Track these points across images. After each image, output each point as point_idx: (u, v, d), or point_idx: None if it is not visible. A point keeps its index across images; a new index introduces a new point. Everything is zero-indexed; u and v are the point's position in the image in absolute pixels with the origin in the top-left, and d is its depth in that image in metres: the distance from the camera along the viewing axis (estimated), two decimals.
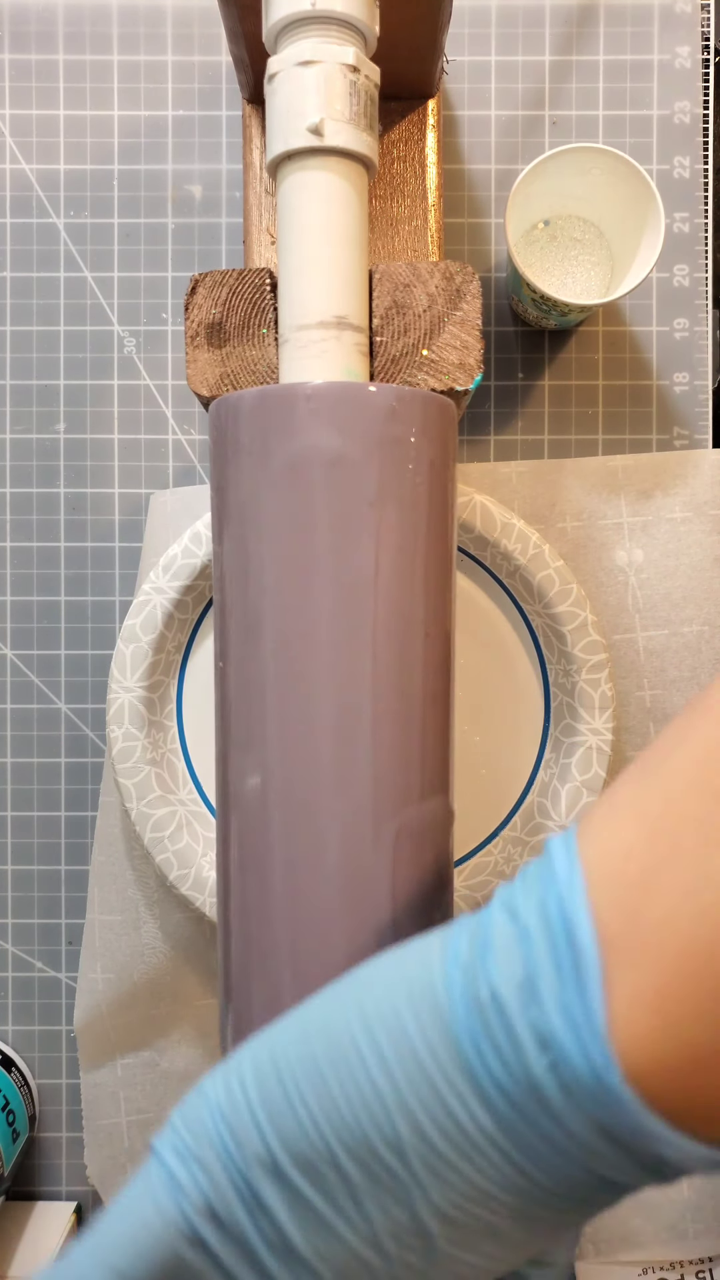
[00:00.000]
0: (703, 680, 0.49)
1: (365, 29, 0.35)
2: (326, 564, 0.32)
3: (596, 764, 0.45)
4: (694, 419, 0.52)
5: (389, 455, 0.33)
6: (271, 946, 0.33)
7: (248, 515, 0.33)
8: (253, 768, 0.33)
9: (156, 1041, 0.51)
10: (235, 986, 0.34)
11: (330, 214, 0.35)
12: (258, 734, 0.33)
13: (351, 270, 0.35)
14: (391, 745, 0.33)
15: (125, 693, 0.46)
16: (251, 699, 0.33)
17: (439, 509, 0.34)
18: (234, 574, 0.34)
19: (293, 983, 0.33)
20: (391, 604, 0.33)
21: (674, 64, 0.51)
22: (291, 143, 0.34)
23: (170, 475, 0.52)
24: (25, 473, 0.52)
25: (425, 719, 0.34)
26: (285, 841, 0.33)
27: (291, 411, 0.33)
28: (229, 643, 0.34)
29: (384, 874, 0.33)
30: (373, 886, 0.33)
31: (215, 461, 0.35)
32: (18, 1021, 0.53)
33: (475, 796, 0.47)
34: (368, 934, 0.32)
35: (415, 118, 0.46)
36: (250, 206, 0.46)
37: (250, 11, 0.39)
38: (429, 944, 0.25)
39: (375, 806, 0.33)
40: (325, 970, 0.32)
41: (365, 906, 0.32)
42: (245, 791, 0.33)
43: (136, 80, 0.51)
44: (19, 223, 0.52)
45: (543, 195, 0.47)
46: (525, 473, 0.49)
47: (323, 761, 0.32)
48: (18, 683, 0.52)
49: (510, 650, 0.47)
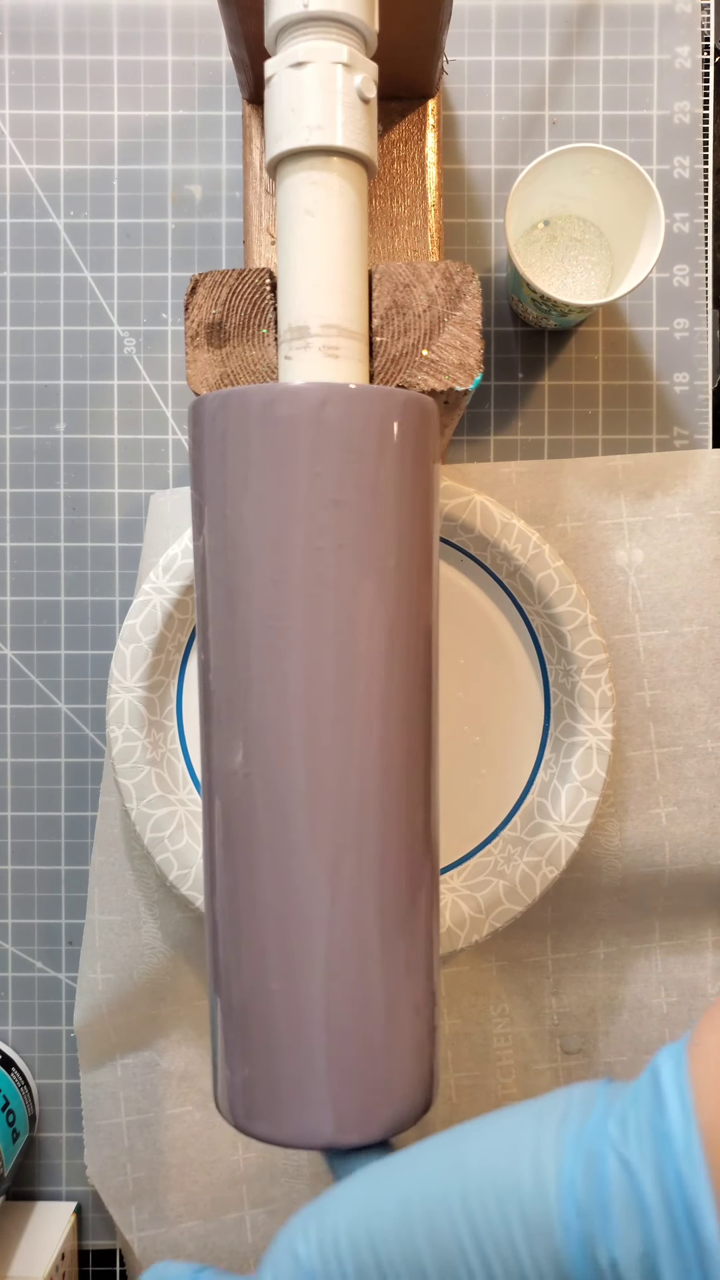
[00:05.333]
0: (703, 680, 0.49)
1: (365, 29, 0.35)
2: (305, 569, 0.32)
3: (596, 764, 0.45)
4: (694, 419, 0.52)
5: (368, 454, 0.33)
6: (257, 933, 0.33)
7: (228, 520, 0.33)
8: (236, 748, 0.33)
9: (156, 1041, 0.51)
10: (223, 974, 0.34)
11: (330, 214, 0.35)
12: (239, 716, 0.33)
13: (351, 270, 0.35)
14: (378, 727, 0.33)
15: (125, 693, 0.46)
16: (234, 686, 0.33)
17: (421, 506, 0.34)
18: (215, 571, 0.34)
19: (280, 966, 0.33)
20: (372, 594, 0.33)
21: (674, 64, 0.51)
22: (291, 143, 0.34)
23: (170, 475, 0.52)
24: (25, 473, 0.52)
25: (406, 696, 0.34)
26: (269, 821, 0.33)
27: (268, 413, 0.33)
28: (210, 632, 0.34)
29: (370, 852, 0.33)
30: (359, 868, 0.33)
31: (194, 462, 0.35)
32: (18, 1021, 0.53)
33: (475, 796, 0.47)
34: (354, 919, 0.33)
35: (415, 118, 0.46)
36: (250, 206, 0.46)
37: (250, 11, 0.39)
38: (541, 1144, 0.25)
39: (360, 787, 0.33)
40: (311, 958, 0.32)
41: (353, 888, 0.33)
42: (229, 773, 0.34)
43: (136, 80, 0.51)
44: (19, 223, 0.52)
45: (543, 195, 0.47)
46: (525, 473, 0.49)
47: (303, 743, 0.33)
48: (18, 683, 0.52)
49: (510, 650, 0.47)
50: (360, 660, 0.33)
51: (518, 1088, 0.51)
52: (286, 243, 0.35)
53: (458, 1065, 0.51)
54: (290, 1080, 0.33)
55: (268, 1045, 0.33)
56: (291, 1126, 0.33)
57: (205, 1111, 0.51)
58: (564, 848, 0.45)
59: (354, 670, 0.33)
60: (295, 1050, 0.33)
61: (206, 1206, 0.50)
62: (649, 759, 0.49)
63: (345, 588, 0.33)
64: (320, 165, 0.34)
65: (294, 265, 0.35)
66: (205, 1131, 0.50)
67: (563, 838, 0.45)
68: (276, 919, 0.33)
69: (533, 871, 0.45)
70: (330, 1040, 0.33)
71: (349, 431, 0.33)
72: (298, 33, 0.34)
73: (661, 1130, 0.23)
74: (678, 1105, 0.23)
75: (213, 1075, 0.36)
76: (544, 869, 0.45)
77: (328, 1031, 0.33)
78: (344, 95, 0.34)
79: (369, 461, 0.33)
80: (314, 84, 0.34)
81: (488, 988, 0.51)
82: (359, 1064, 0.33)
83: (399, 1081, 0.33)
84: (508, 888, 0.45)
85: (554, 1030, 0.51)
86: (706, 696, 0.49)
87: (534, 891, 0.45)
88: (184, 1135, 0.50)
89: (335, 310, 0.35)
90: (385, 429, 0.33)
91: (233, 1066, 0.34)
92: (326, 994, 0.33)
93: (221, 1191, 0.51)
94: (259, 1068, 0.33)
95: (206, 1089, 0.51)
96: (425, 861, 0.35)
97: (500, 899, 0.45)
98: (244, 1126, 0.34)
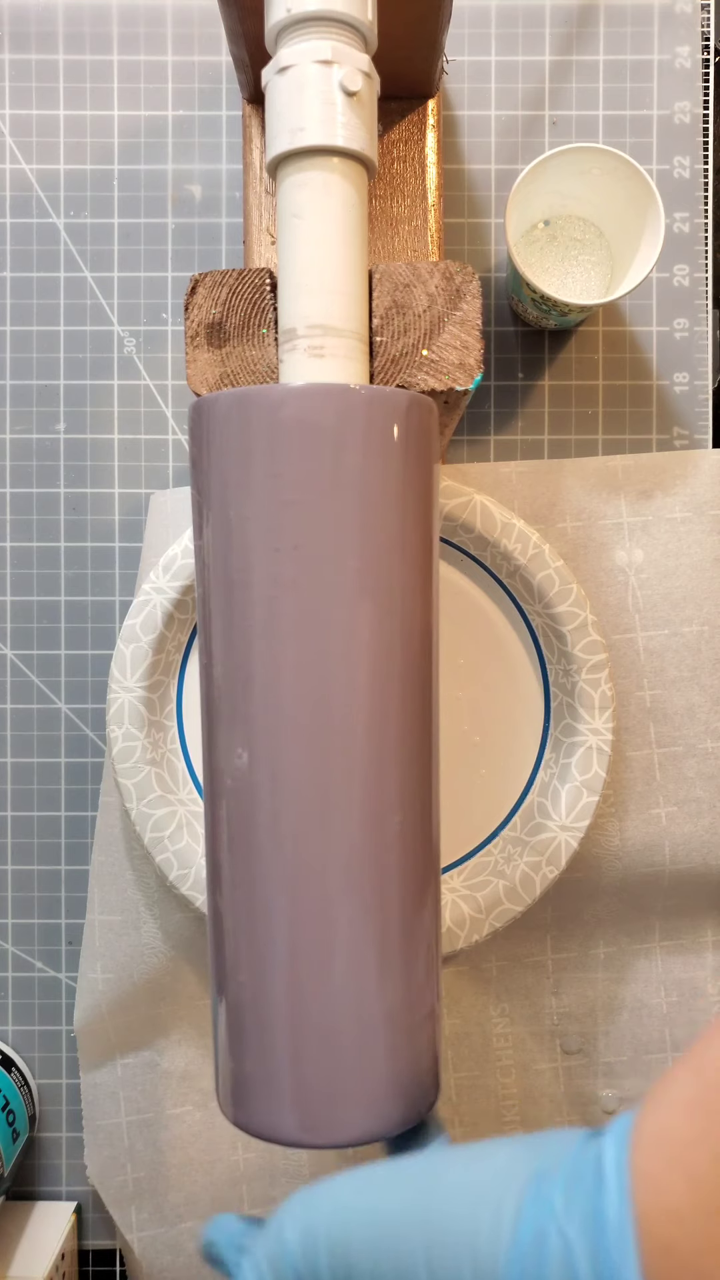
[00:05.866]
0: (703, 680, 0.49)
1: (365, 29, 0.35)
2: (304, 569, 0.32)
3: (596, 764, 0.45)
4: (694, 419, 0.52)
5: (368, 455, 0.33)
6: (259, 931, 0.33)
7: (229, 520, 0.33)
8: (237, 747, 0.33)
9: (156, 1041, 0.51)
10: (228, 971, 0.34)
11: (330, 214, 0.35)
12: (241, 715, 0.33)
13: (351, 270, 0.35)
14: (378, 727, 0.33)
15: (125, 693, 0.46)
16: (236, 685, 0.33)
17: (421, 506, 0.34)
18: (216, 571, 0.34)
19: (288, 966, 0.33)
20: (372, 596, 0.33)
21: (674, 64, 0.51)
22: (291, 143, 0.34)
23: (170, 475, 0.52)
24: (25, 473, 0.52)
25: (406, 696, 0.34)
26: (269, 821, 0.33)
27: (269, 414, 0.33)
28: (211, 631, 0.34)
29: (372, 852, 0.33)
30: (362, 867, 0.33)
31: (195, 462, 0.35)
32: (18, 1021, 0.53)
33: (475, 796, 0.47)
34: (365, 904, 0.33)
35: (415, 118, 0.46)
36: (250, 206, 0.46)
37: (250, 11, 0.39)
38: (503, 1202, 0.25)
39: (362, 788, 0.33)
40: (322, 956, 0.32)
41: (355, 887, 0.33)
42: (231, 772, 0.34)
43: (136, 80, 0.51)
44: (19, 223, 0.52)
45: (543, 195, 0.47)
46: (525, 473, 0.49)
47: (303, 743, 0.33)
48: (18, 683, 0.52)
49: (510, 650, 0.47)
50: (359, 660, 0.33)
51: (518, 1088, 0.51)
52: (287, 243, 0.35)
53: (458, 1065, 0.51)
54: (288, 1075, 0.33)
55: (264, 1041, 0.33)
56: (335, 1125, 0.33)
57: (205, 1111, 0.51)
58: (564, 848, 0.45)
59: (354, 670, 0.33)
60: (295, 1048, 0.33)
61: (206, 1206, 0.50)
62: (649, 759, 0.49)
63: (344, 589, 0.33)
64: (320, 165, 0.34)
65: (294, 265, 0.35)
66: (205, 1131, 0.50)
67: (563, 838, 0.45)
68: (279, 916, 0.33)
69: (533, 871, 0.45)
70: (329, 1039, 0.33)
71: (349, 432, 0.33)
72: (298, 33, 0.34)
73: (599, 1212, 0.24)
74: (615, 1189, 0.24)
75: (215, 1071, 0.36)
76: (544, 869, 0.45)
77: (326, 1029, 0.33)
78: (344, 95, 0.34)
79: (368, 462, 0.33)
80: (315, 83, 0.34)
81: (488, 987, 0.51)
82: (359, 1062, 0.33)
83: (398, 1082, 0.33)
84: (508, 888, 0.45)
85: (554, 1030, 0.51)
86: (706, 696, 0.49)
87: (534, 891, 0.45)
88: (184, 1135, 0.50)
89: (336, 310, 0.35)
90: (385, 430, 0.33)
91: (235, 1060, 0.34)
92: (327, 993, 0.33)
93: (221, 1191, 0.51)
94: (258, 1062, 0.33)
95: (206, 1089, 0.51)
96: (427, 860, 0.35)
97: (500, 899, 0.45)
98: (242, 1123, 0.34)
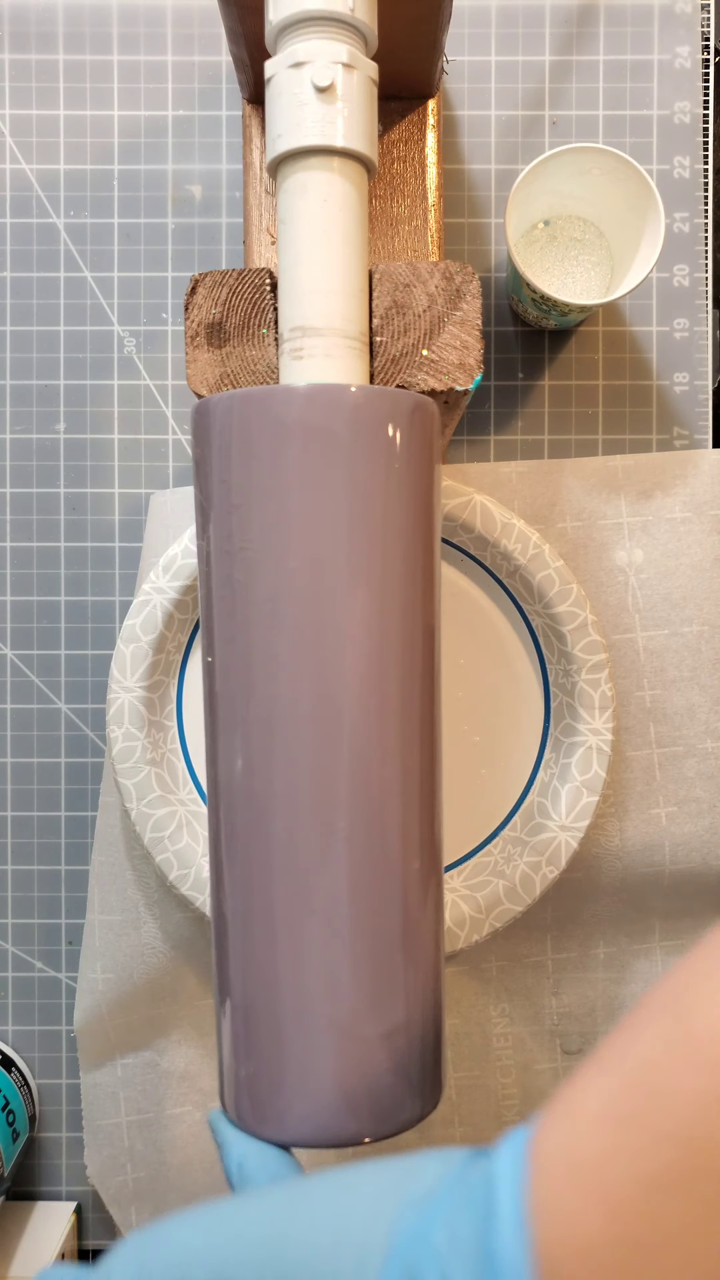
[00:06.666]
0: (703, 680, 0.49)
1: (365, 29, 0.35)
2: (307, 570, 0.33)
3: (596, 764, 0.45)
4: (694, 419, 0.52)
5: (370, 456, 0.33)
6: (263, 931, 0.33)
7: (231, 521, 0.33)
8: (239, 748, 0.33)
9: (156, 1041, 0.51)
10: (232, 972, 0.34)
11: (330, 214, 0.35)
12: (242, 716, 0.33)
13: (351, 270, 0.35)
14: (379, 727, 0.33)
15: (125, 693, 0.46)
16: (237, 686, 0.33)
17: (422, 505, 0.34)
18: (218, 572, 0.34)
19: (291, 969, 0.33)
20: (374, 596, 0.33)
21: (674, 64, 0.51)
22: (292, 142, 0.34)
23: (170, 475, 0.52)
24: (25, 473, 0.52)
25: (409, 692, 0.34)
26: (270, 821, 0.33)
27: (272, 415, 0.33)
28: (213, 632, 0.34)
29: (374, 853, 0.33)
30: (369, 867, 0.33)
31: (197, 462, 0.35)
32: (18, 1021, 0.53)
33: (475, 796, 0.47)
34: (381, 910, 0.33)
35: (415, 118, 0.46)
36: (250, 206, 0.46)
37: (250, 11, 0.39)
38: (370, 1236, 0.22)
39: (363, 789, 0.33)
40: (330, 966, 0.32)
41: (358, 886, 0.33)
42: (232, 772, 0.34)
43: (136, 80, 0.51)
44: (19, 223, 0.52)
45: (543, 195, 0.47)
46: (525, 473, 0.49)
47: (305, 743, 0.33)
48: (18, 683, 0.52)
49: (510, 650, 0.47)
50: (362, 662, 0.33)
51: (518, 1088, 0.51)
52: (286, 243, 0.35)
53: (458, 1065, 0.51)
54: (294, 1075, 0.33)
55: (271, 1043, 0.33)
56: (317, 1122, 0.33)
57: (205, 1111, 0.51)
58: (564, 848, 0.45)
59: (356, 672, 0.33)
60: (300, 1050, 0.33)
61: None
62: (649, 759, 0.49)
63: (343, 590, 0.33)
64: (321, 165, 0.34)
65: (294, 265, 0.35)
66: (205, 1131, 0.50)
67: (563, 838, 0.45)
68: (281, 917, 0.33)
69: (533, 871, 0.45)
70: (334, 1041, 0.33)
71: (349, 433, 0.33)
72: (298, 32, 0.34)
73: (489, 1250, 0.20)
74: (510, 1221, 0.20)
75: (219, 1073, 0.36)
76: (544, 869, 0.45)
77: (332, 1032, 0.33)
78: (345, 95, 0.34)
79: (370, 463, 0.33)
80: (315, 83, 0.34)
81: (488, 987, 0.51)
82: (365, 1060, 0.33)
83: (402, 1083, 0.33)
84: (508, 888, 0.45)
85: (554, 1030, 0.51)
86: (706, 696, 0.49)
87: (534, 891, 0.45)
88: (184, 1135, 0.50)
89: (336, 310, 0.35)
90: (386, 430, 0.33)
91: (239, 1062, 0.34)
92: (330, 992, 0.33)
93: (221, 1191, 0.51)
94: (263, 1064, 0.33)
95: (206, 1089, 0.51)
96: (430, 860, 0.35)
97: (500, 899, 0.45)
98: (250, 1127, 0.34)
